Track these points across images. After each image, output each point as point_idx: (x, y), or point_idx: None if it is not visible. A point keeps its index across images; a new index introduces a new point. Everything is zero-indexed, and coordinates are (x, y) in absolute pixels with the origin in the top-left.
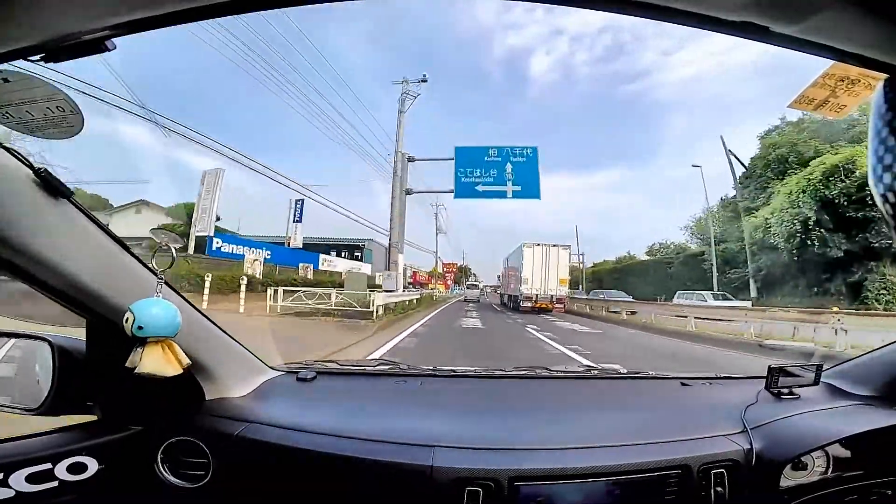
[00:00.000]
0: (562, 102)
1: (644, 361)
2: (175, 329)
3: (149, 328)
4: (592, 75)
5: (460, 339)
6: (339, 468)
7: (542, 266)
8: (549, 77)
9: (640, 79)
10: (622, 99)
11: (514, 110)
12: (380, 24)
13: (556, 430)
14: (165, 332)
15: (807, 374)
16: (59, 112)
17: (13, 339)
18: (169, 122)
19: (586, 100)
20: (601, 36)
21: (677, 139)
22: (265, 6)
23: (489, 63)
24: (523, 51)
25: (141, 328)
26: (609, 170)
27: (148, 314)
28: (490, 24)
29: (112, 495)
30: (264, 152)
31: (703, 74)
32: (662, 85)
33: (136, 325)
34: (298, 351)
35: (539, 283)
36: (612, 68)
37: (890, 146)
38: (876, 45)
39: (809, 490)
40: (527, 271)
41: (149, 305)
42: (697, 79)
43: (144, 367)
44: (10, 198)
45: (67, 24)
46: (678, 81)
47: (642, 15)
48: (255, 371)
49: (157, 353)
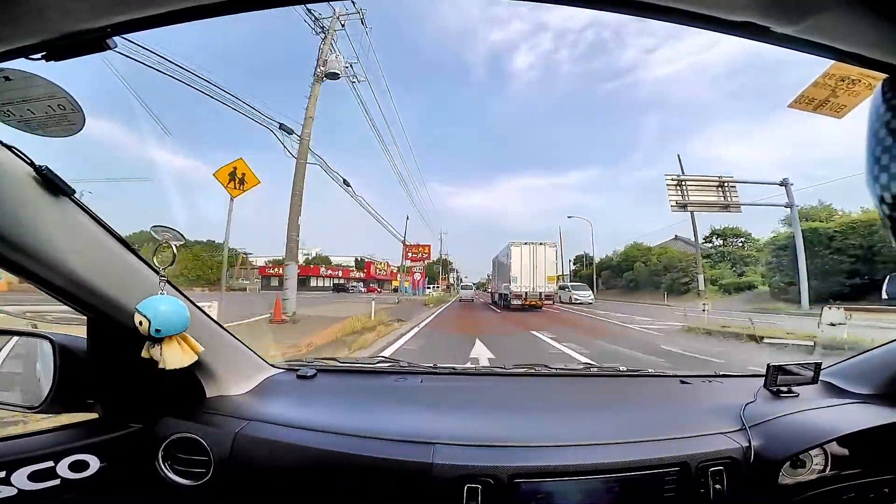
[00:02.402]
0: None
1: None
2: (186, 322)
3: (166, 329)
4: (574, 72)
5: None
6: (340, 465)
7: (530, 264)
8: (530, 74)
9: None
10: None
11: (492, 107)
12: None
13: (556, 428)
14: (179, 328)
15: (806, 372)
16: (60, 110)
17: (15, 336)
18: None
19: (567, 98)
20: (585, 32)
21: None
22: (265, 6)
23: (472, 59)
24: (506, 47)
25: (159, 331)
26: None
27: (161, 315)
28: (474, 18)
29: (113, 493)
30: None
31: (681, 74)
32: (642, 83)
33: (154, 328)
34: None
35: (528, 280)
36: (594, 66)
37: (887, 147)
38: (876, 45)
39: (808, 488)
40: (515, 270)
41: (158, 305)
42: (675, 78)
43: (168, 362)
44: (12, 196)
45: (68, 23)
46: (656, 80)
47: (643, 15)
48: (255, 368)
49: (175, 347)
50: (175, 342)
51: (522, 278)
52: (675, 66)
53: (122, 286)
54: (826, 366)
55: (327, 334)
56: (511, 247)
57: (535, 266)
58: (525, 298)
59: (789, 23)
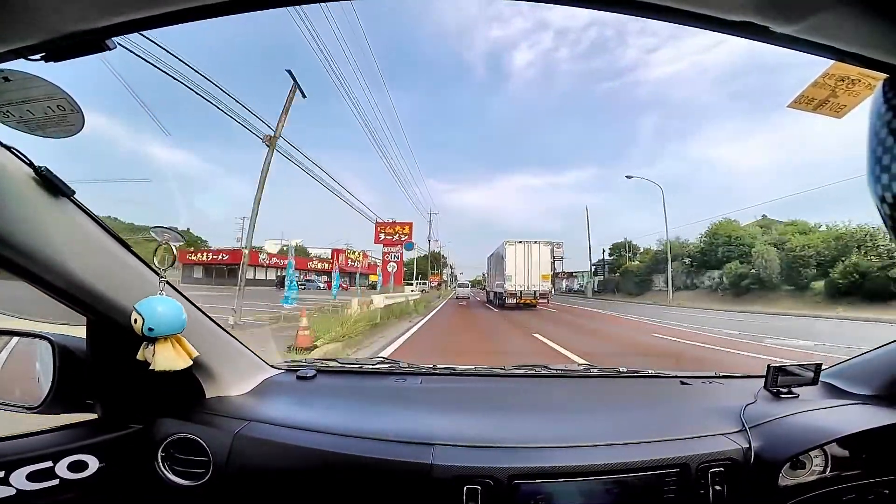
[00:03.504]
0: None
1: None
2: (182, 325)
3: (159, 328)
4: (574, 71)
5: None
6: (339, 466)
7: (525, 262)
8: (530, 72)
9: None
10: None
11: (491, 105)
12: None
13: (556, 429)
14: (174, 329)
15: (806, 373)
16: (60, 111)
17: (14, 337)
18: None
19: (566, 97)
20: (587, 31)
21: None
22: (265, 6)
23: (471, 56)
24: (506, 45)
25: (152, 329)
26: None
27: (156, 314)
28: (474, 15)
29: (112, 493)
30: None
31: (681, 74)
32: (642, 83)
33: (147, 326)
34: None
35: (522, 279)
36: (595, 64)
37: (888, 147)
38: (876, 45)
39: (808, 489)
40: (510, 268)
41: (155, 305)
42: (674, 79)
43: (158, 364)
44: (12, 197)
45: (67, 24)
46: (656, 80)
47: (643, 14)
48: (255, 369)
49: (168, 348)
50: (169, 344)
51: (517, 277)
52: (675, 66)
53: (121, 287)
54: (826, 367)
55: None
56: (506, 245)
57: (529, 265)
58: (520, 297)
59: (788, 23)
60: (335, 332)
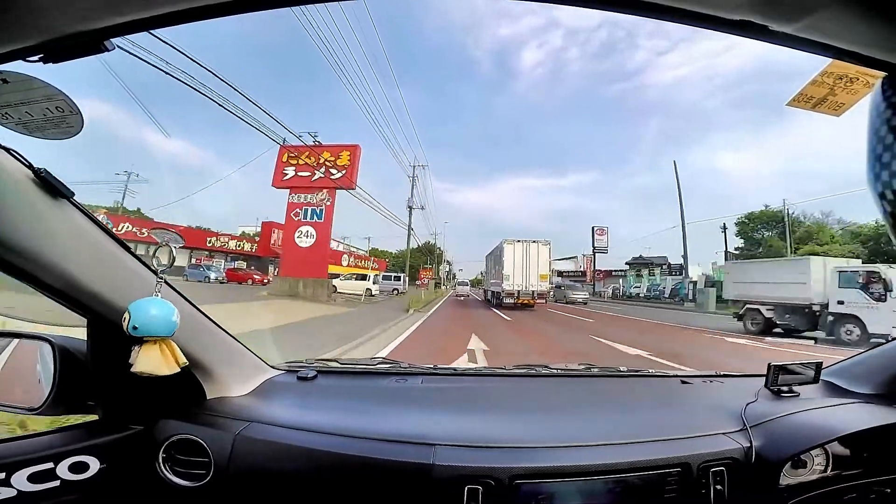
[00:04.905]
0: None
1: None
2: (171, 329)
3: (144, 328)
4: (582, 72)
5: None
6: (340, 466)
7: (523, 262)
8: (536, 72)
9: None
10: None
11: (496, 104)
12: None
13: (557, 428)
14: (161, 331)
15: (807, 371)
16: (59, 112)
17: (15, 338)
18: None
19: (572, 99)
20: (597, 31)
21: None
22: (265, 6)
23: (478, 54)
24: (515, 43)
25: (136, 328)
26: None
27: (144, 314)
28: (482, 12)
29: (113, 494)
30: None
31: (688, 79)
32: (650, 87)
33: (131, 324)
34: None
35: (520, 279)
36: (603, 66)
37: (888, 144)
38: (875, 44)
39: (809, 488)
40: (508, 268)
41: (146, 305)
42: (682, 84)
43: (140, 366)
44: (10, 198)
45: (66, 25)
46: (663, 85)
47: (642, 14)
48: (255, 370)
49: (154, 352)
50: (157, 347)
51: (515, 276)
52: (683, 70)
53: (121, 288)
54: (827, 365)
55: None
56: (504, 244)
57: (528, 264)
58: (518, 297)
59: (787, 21)
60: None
